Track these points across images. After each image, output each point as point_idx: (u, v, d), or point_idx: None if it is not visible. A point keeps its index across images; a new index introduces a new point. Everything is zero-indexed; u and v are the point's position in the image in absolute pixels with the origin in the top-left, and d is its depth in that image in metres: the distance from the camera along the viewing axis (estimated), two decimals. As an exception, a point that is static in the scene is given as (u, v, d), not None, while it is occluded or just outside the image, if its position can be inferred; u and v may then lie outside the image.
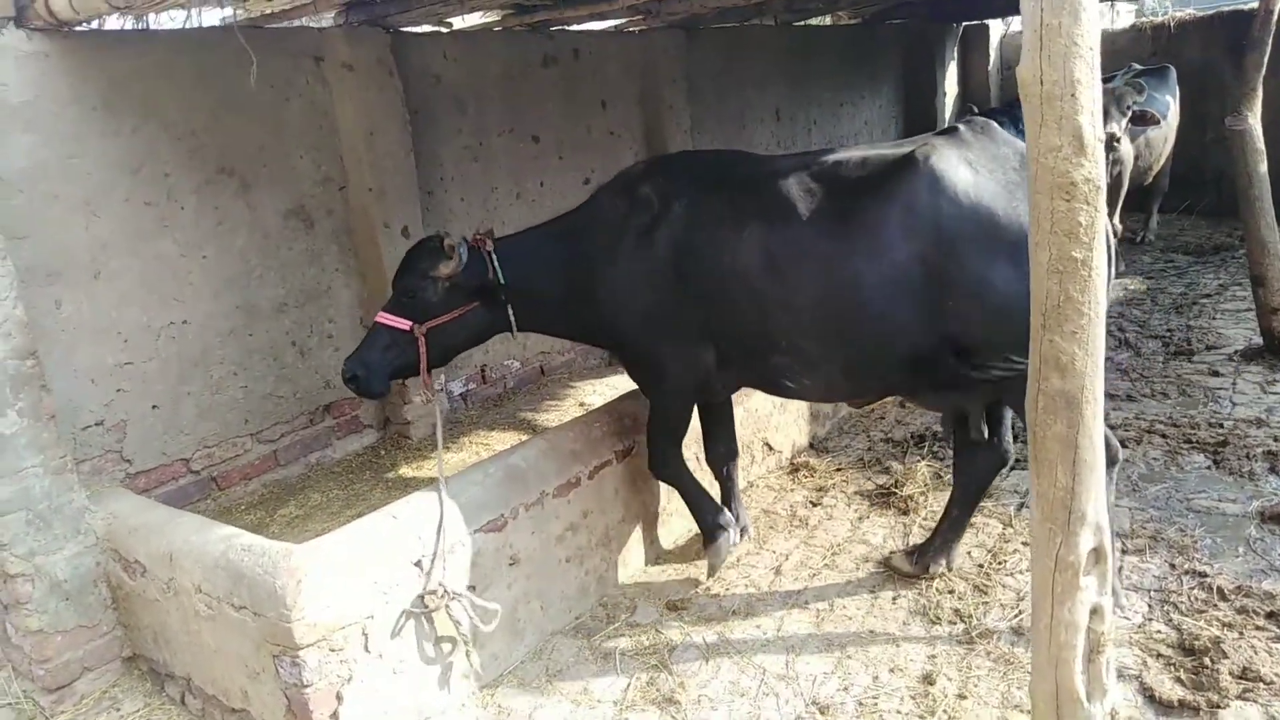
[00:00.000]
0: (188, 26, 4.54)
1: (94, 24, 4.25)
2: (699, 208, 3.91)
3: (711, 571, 4.45)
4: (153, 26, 4.49)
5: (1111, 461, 3.69)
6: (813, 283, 3.67)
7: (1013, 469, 4.82)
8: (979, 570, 4.30)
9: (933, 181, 3.49)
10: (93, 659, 3.99)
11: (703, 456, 4.78)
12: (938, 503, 4.95)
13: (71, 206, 4.12)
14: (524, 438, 5.01)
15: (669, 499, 4.86)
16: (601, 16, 6.31)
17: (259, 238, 4.83)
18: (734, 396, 4.61)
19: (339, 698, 3.35)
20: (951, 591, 4.15)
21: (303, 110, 4.97)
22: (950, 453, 4.64)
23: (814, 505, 5.18)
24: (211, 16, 4.67)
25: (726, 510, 4.52)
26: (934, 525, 4.72)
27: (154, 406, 4.49)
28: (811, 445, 5.99)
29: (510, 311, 4.09)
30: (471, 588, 3.80)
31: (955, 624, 3.92)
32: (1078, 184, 2.05)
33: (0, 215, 3.86)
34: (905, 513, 4.95)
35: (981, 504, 4.44)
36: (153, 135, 4.36)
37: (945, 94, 11.25)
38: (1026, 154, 3.33)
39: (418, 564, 3.60)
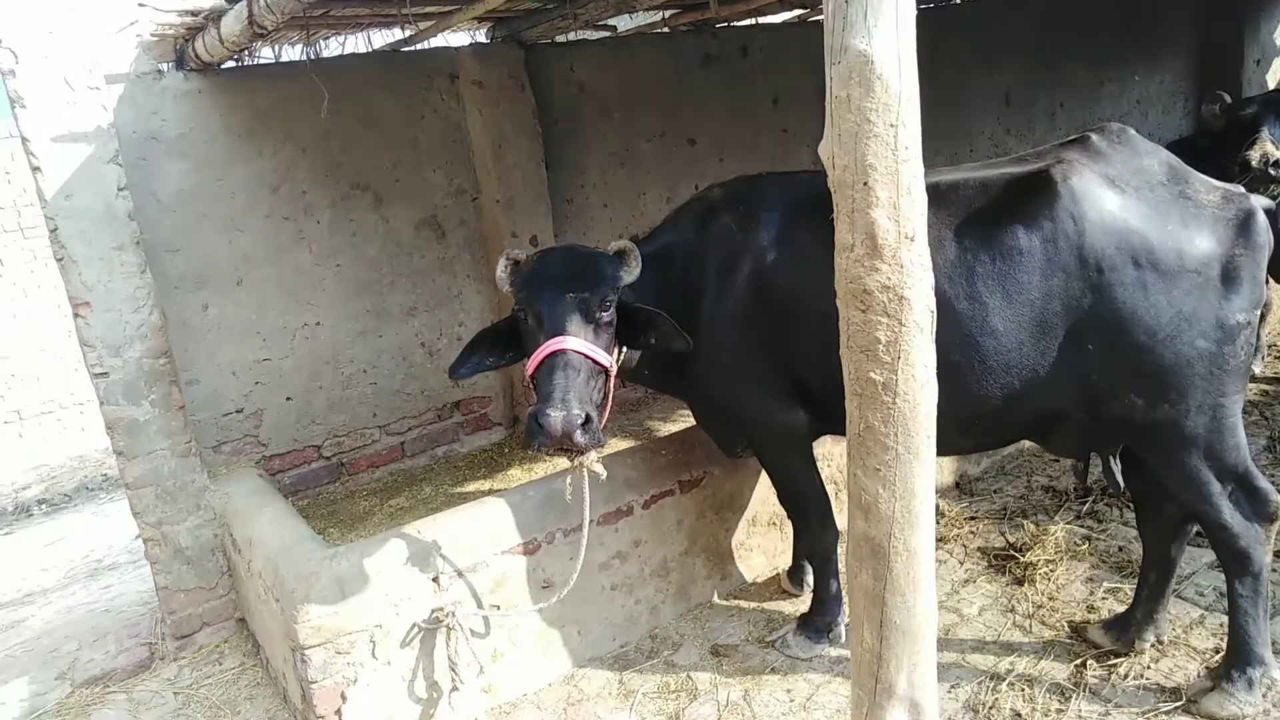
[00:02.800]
0: (339, 54, 4.98)
1: (245, 59, 4.81)
2: (788, 238, 3.55)
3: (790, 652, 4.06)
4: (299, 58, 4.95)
5: (1270, 519, 3.19)
6: None
7: None
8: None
9: (1074, 205, 2.98)
10: (210, 616, 4.63)
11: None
12: (1068, 575, 4.29)
13: (218, 223, 4.73)
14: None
15: (748, 534, 4.64)
16: (759, 13, 6.00)
17: (391, 247, 5.23)
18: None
19: (343, 697, 3.62)
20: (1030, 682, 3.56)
21: (436, 126, 5.27)
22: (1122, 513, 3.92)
23: (924, 558, 4.67)
24: (356, 43, 5.07)
25: (844, 613, 4.01)
26: (1051, 600, 4.12)
27: (288, 398, 5.06)
28: (957, 485, 5.39)
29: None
30: (496, 607, 3.92)
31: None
32: (872, 292, 1.69)
33: (154, 232, 4.53)
34: (1020, 582, 4.33)
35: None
36: (291, 157, 4.87)
37: (1259, 63, 9.31)
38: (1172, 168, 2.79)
39: (435, 580, 3.77)
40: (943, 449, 3.93)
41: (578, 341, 3.22)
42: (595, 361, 3.26)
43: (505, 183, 5.34)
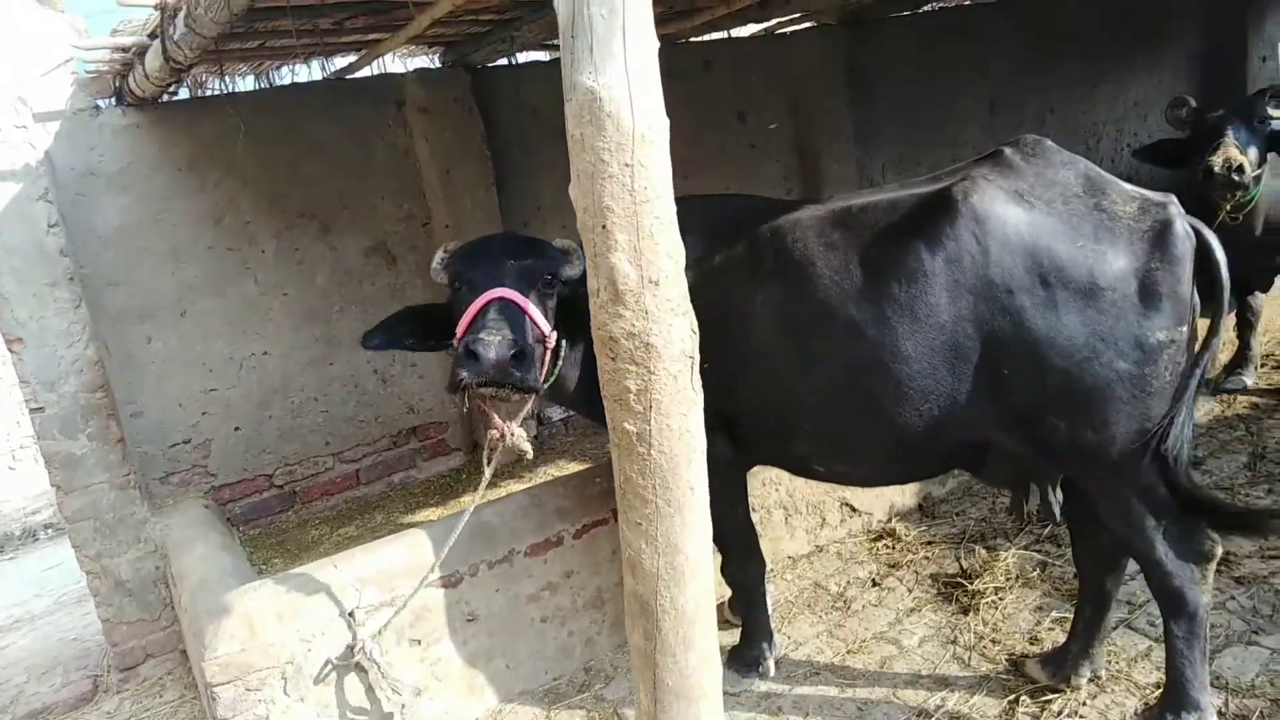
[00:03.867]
0: (267, 87, 5.00)
1: (197, 91, 4.86)
2: (706, 263, 3.40)
3: None
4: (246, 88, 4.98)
5: (1205, 558, 3.03)
6: (840, 357, 3.09)
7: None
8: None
9: (977, 224, 2.85)
10: (154, 648, 4.65)
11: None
12: (1017, 603, 4.12)
13: (160, 256, 4.77)
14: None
15: (691, 562, 4.54)
16: (717, 27, 5.91)
17: (340, 275, 5.23)
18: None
19: (254, 734, 3.59)
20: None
21: (384, 153, 5.27)
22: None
23: (874, 585, 4.54)
24: (309, 72, 5.10)
25: (773, 646, 3.95)
26: (994, 631, 3.96)
27: (236, 428, 5.07)
28: (920, 507, 5.22)
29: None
30: (417, 642, 3.87)
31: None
32: (618, 340, 1.62)
33: (95, 266, 4.59)
34: (966, 611, 4.15)
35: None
36: (234, 188, 4.90)
37: (1265, 60, 8.99)
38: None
39: (350, 615, 3.73)
40: (873, 479, 3.86)
41: (516, 295, 3.01)
42: (534, 321, 3.05)
43: (454, 207, 5.32)
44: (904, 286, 2.93)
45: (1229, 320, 6.18)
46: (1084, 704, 3.45)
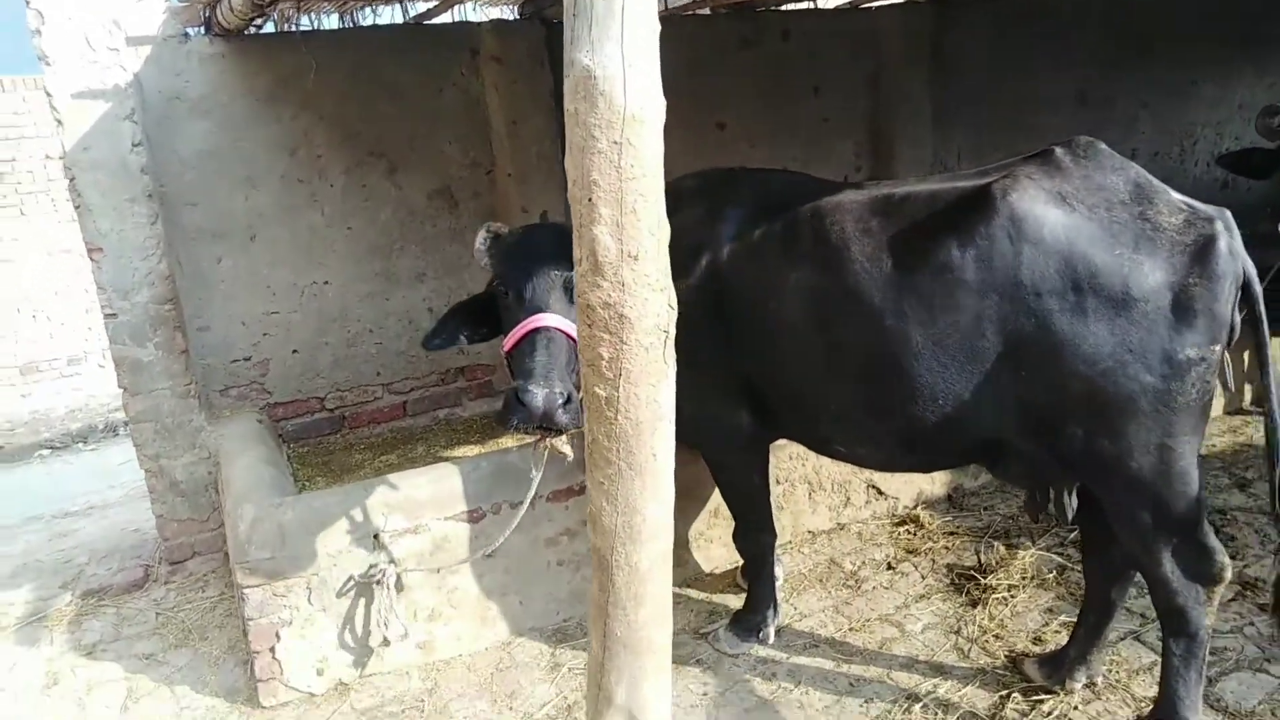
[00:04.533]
0: (349, 26, 5.16)
1: (286, 26, 5.05)
2: (747, 237, 3.49)
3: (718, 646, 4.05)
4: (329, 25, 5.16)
5: (1213, 580, 2.98)
6: (864, 343, 3.13)
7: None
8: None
9: (1013, 222, 2.85)
10: (202, 546, 4.97)
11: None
12: (1029, 603, 4.14)
13: (235, 181, 5.01)
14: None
15: (709, 524, 4.65)
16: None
17: (403, 214, 5.41)
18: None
19: (278, 636, 3.85)
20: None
21: (455, 99, 5.40)
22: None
23: (889, 568, 4.59)
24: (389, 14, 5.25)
25: (776, 614, 4.05)
26: (1001, 627, 3.98)
27: (294, 351, 5.33)
28: (949, 497, 5.23)
29: None
30: (435, 570, 4.07)
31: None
32: (595, 308, 1.70)
33: (175, 186, 4.84)
34: (975, 604, 4.18)
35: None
36: (309, 122, 5.10)
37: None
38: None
39: (375, 537, 3.94)
40: (891, 465, 3.88)
41: (560, 319, 3.13)
42: (576, 342, 3.24)
43: (519, 158, 5.43)
44: (931, 280, 2.94)
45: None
46: (1075, 708, 3.47)
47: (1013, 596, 4.21)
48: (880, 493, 5.06)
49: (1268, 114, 5.09)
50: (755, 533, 3.96)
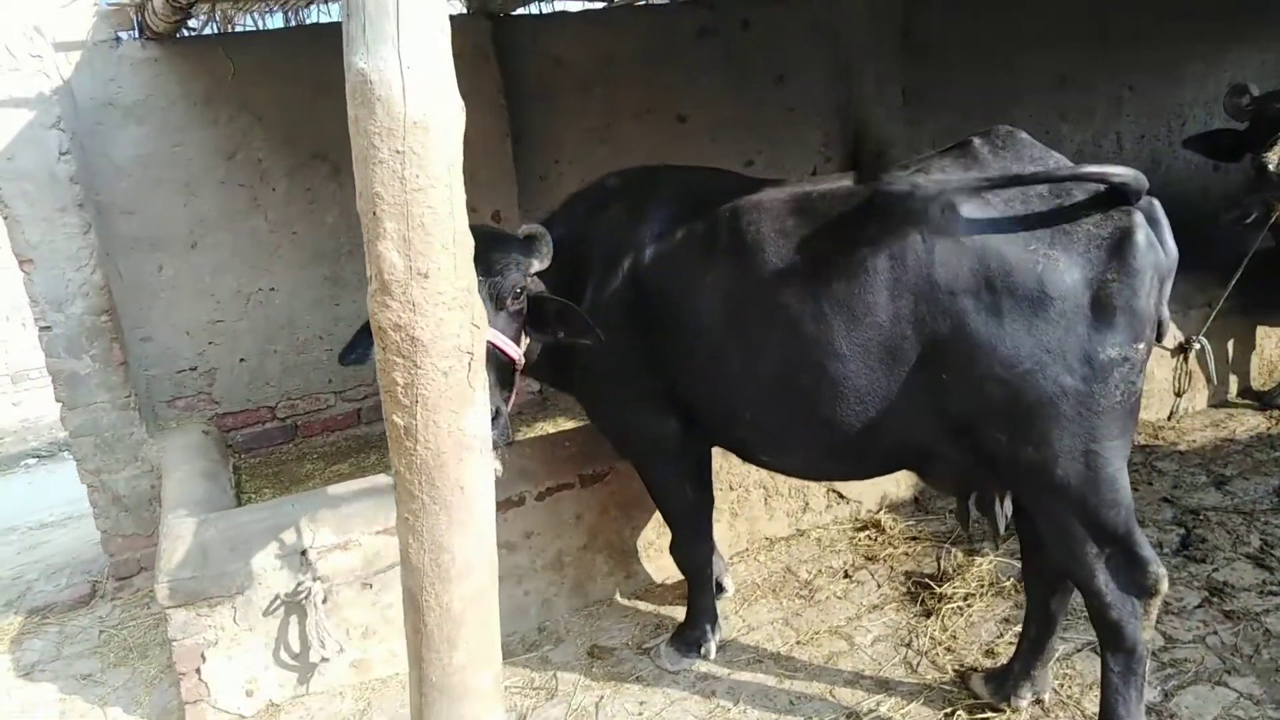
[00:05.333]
0: (291, 25, 5.03)
1: (208, 29, 4.93)
2: (668, 237, 3.35)
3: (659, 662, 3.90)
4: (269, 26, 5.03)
5: (1148, 593, 2.82)
6: (777, 347, 2.99)
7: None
8: None
9: (925, 219, 2.71)
10: (148, 561, 4.87)
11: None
12: (985, 612, 3.99)
13: (173, 188, 4.89)
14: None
15: (659, 534, 4.50)
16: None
17: (350, 216, 5.21)
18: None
19: (203, 657, 3.74)
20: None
21: (400, 98, 5.26)
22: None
23: (845, 576, 4.44)
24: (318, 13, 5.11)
25: (717, 629, 3.89)
26: (952, 639, 3.83)
27: (242, 359, 5.23)
28: (915, 500, 5.06)
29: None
30: (368, 585, 3.96)
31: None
32: (386, 330, 1.56)
33: (110, 194, 4.74)
34: (928, 615, 4.02)
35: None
36: (247, 125, 4.98)
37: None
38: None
39: (303, 554, 3.83)
40: (813, 474, 3.74)
41: (486, 330, 3.08)
42: (503, 352, 3.10)
43: (466, 156, 5.25)
44: (844, 281, 2.80)
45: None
46: (1021, 726, 3.32)
47: (969, 606, 4.05)
48: (841, 496, 4.91)
49: (1235, 94, 4.87)
50: (690, 545, 3.82)
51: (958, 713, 3.41)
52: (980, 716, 3.36)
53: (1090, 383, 2.60)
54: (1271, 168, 4.43)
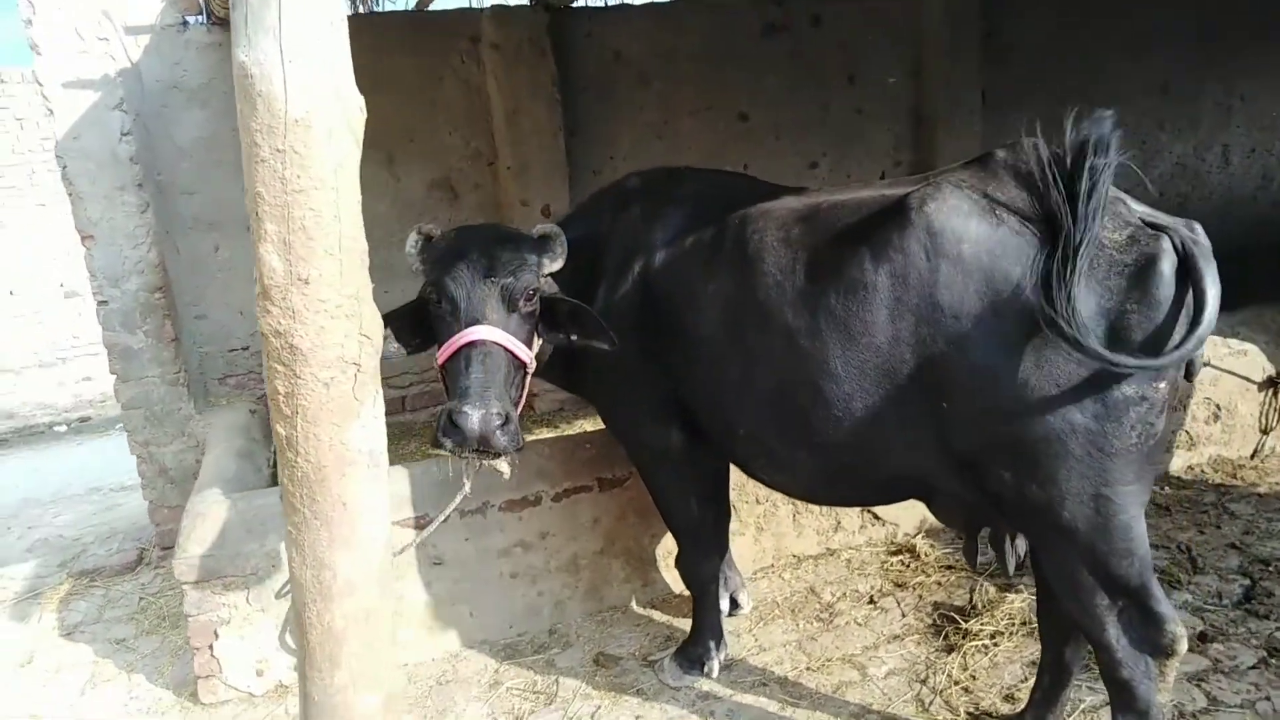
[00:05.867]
0: (355, 13, 5.09)
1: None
2: (679, 242, 3.26)
3: (662, 676, 3.79)
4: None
5: (1164, 652, 2.59)
6: (773, 362, 2.87)
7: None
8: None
9: (929, 235, 2.54)
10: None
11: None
12: (1011, 653, 3.76)
13: (232, 170, 4.99)
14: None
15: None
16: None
17: (401, 205, 5.34)
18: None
19: (215, 634, 3.83)
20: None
21: (455, 88, 5.28)
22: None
23: (870, 602, 4.24)
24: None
25: (722, 647, 3.77)
26: (970, 683, 3.62)
27: (291, 342, 5.33)
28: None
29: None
30: (380, 575, 3.98)
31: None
32: (267, 337, 1.51)
33: (172, 175, 4.90)
34: (950, 650, 3.81)
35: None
36: (304, 112, 5.05)
37: None
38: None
39: (317, 540, 3.87)
40: (814, 497, 3.58)
41: (497, 332, 2.96)
42: (514, 356, 3.05)
43: (519, 149, 5.27)
44: (842, 298, 2.64)
45: None
46: (1031, 782, 3.10)
47: (995, 645, 3.81)
48: (877, 518, 4.70)
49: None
50: (695, 560, 3.70)
51: (965, 761, 3.21)
52: (989, 767, 3.17)
53: (1103, 421, 2.38)
54: None
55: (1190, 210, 7.18)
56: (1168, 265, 2.30)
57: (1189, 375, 2.51)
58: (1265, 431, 5.36)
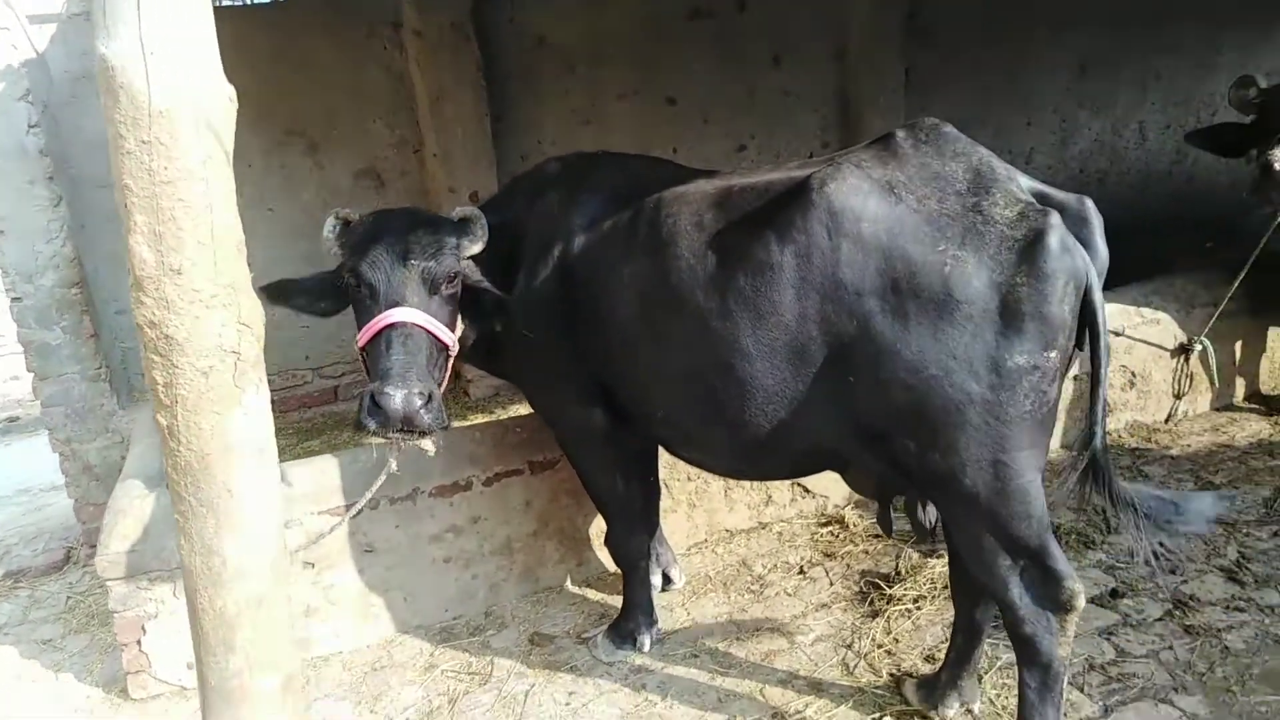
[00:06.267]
0: (269, 2, 5.03)
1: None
2: (596, 227, 3.29)
3: (595, 652, 3.85)
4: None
5: (1063, 608, 2.69)
6: (685, 345, 2.92)
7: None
8: None
9: (830, 215, 2.61)
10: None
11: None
12: (934, 615, 3.88)
13: (149, 162, 4.93)
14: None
15: (613, 523, 4.45)
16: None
17: (327, 194, 5.29)
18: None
19: (143, 629, 3.79)
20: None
21: (378, 76, 5.24)
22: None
23: (800, 572, 4.34)
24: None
25: (653, 621, 3.83)
26: (893, 646, 3.73)
27: (218, 334, 5.26)
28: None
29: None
30: (310, 565, 3.97)
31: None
32: (143, 328, 1.52)
33: (84, 168, 4.79)
34: (874, 616, 3.92)
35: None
36: (223, 101, 4.98)
37: None
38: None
39: (244, 531, 3.85)
40: (733, 473, 3.67)
41: (417, 314, 2.98)
42: (436, 338, 3.06)
43: (443, 136, 5.25)
44: (750, 278, 2.71)
45: None
46: (949, 736, 3.21)
47: (917, 609, 3.93)
48: (807, 490, 4.80)
49: (1241, 85, 4.60)
50: (624, 537, 3.75)
51: (885, 719, 3.31)
52: (908, 725, 3.27)
53: (998, 391, 2.47)
54: (1276, 166, 4.18)
55: (1109, 186, 7.41)
56: (1055, 239, 2.40)
57: (1083, 345, 2.61)
58: (1178, 396, 5.57)
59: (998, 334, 2.44)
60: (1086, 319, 2.54)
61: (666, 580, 4.22)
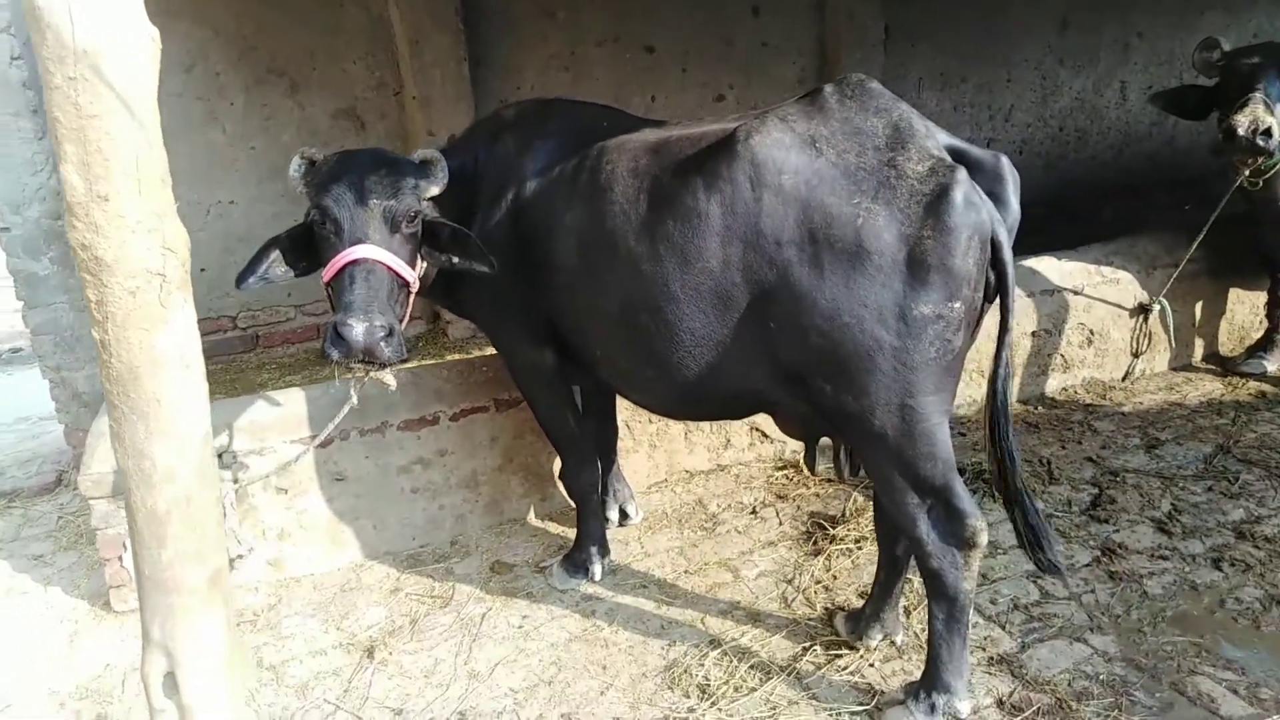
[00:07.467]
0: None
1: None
2: (546, 173, 3.45)
3: (550, 580, 4.09)
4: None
5: (967, 545, 2.88)
6: (618, 288, 3.10)
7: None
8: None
9: (754, 167, 2.76)
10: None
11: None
12: (871, 557, 4.07)
13: (133, 98, 5.02)
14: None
15: (575, 460, 4.65)
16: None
17: (307, 134, 5.39)
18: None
19: (124, 545, 4.01)
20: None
21: (357, 16, 5.30)
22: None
23: (752, 512, 4.56)
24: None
25: (604, 552, 4.08)
26: (831, 582, 3.95)
27: (202, 269, 5.40)
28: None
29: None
30: (283, 491, 4.18)
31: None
32: (75, 249, 1.69)
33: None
34: (817, 554, 4.14)
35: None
36: (204, 38, 5.07)
37: None
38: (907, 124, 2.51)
39: (219, 456, 4.05)
40: (666, 413, 3.86)
41: (379, 251, 3.14)
42: (397, 274, 3.22)
43: (421, 79, 5.33)
44: (678, 225, 2.86)
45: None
46: (871, 665, 3.44)
47: (858, 549, 4.15)
48: (765, 436, 4.99)
49: (1205, 48, 4.67)
50: (575, 471, 3.96)
51: (814, 648, 3.53)
52: (834, 653, 3.49)
53: (905, 338, 2.63)
54: (1241, 131, 4.27)
55: (1090, 145, 7.47)
56: (959, 194, 2.53)
57: (993, 297, 2.77)
58: (1136, 355, 5.73)
59: (905, 284, 2.60)
60: (996, 273, 2.68)
61: (624, 516, 4.44)
